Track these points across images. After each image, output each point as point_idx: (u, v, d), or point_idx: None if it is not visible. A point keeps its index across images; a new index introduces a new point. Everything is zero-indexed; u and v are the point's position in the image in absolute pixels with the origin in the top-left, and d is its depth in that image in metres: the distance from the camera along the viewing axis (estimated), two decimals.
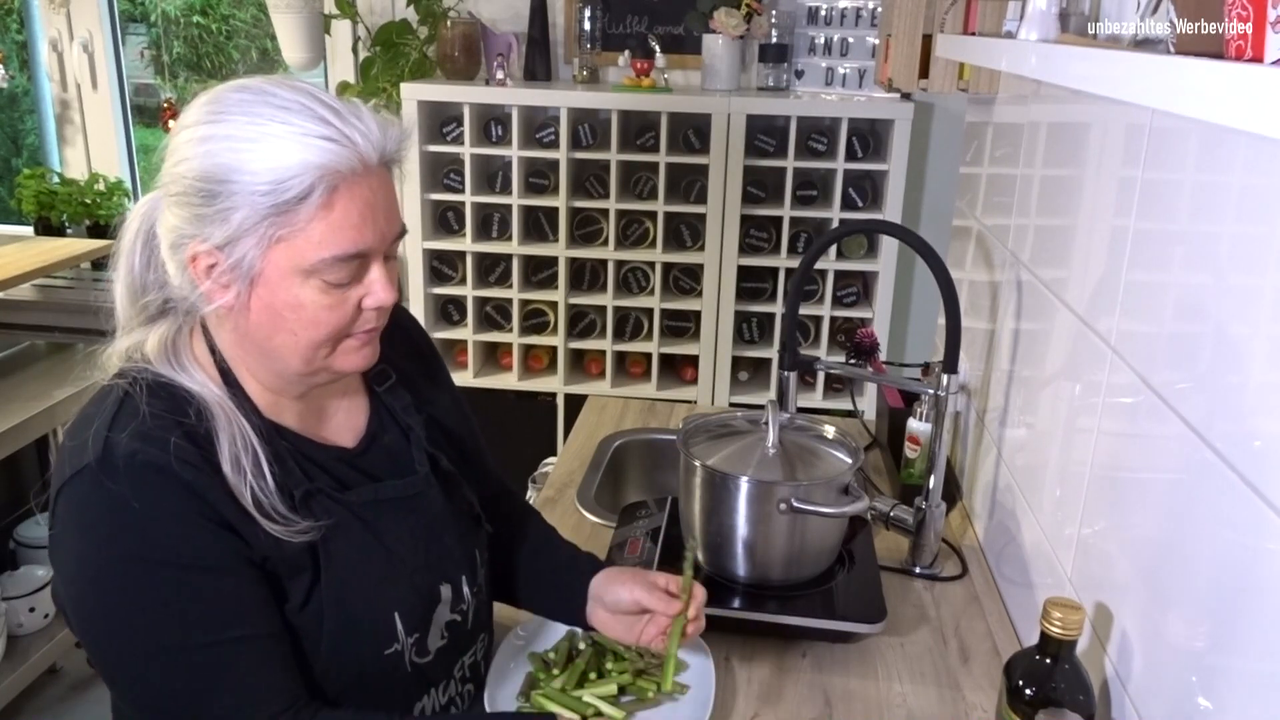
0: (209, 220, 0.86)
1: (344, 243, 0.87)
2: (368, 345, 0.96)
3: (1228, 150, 0.83)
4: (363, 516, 0.99)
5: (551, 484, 1.73)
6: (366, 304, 0.92)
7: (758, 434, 1.35)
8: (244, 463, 0.90)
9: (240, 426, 0.92)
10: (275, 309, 0.90)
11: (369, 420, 1.06)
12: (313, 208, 0.85)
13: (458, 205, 2.59)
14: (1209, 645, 0.82)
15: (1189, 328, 0.88)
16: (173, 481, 0.86)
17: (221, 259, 0.87)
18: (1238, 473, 0.77)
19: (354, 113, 0.88)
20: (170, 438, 0.88)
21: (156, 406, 0.90)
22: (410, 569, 1.01)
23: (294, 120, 0.85)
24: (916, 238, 1.37)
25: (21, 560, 2.43)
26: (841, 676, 1.23)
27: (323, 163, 0.84)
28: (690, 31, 2.62)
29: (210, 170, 0.85)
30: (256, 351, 0.94)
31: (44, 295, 2.95)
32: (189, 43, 3.11)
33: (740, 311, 2.56)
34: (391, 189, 0.93)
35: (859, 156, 2.42)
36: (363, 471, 1.02)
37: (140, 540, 0.86)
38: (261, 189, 0.84)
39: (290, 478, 0.94)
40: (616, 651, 1.18)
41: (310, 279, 0.88)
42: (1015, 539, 1.38)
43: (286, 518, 0.91)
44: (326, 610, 0.94)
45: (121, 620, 0.87)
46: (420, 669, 1.02)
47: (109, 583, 0.87)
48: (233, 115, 0.86)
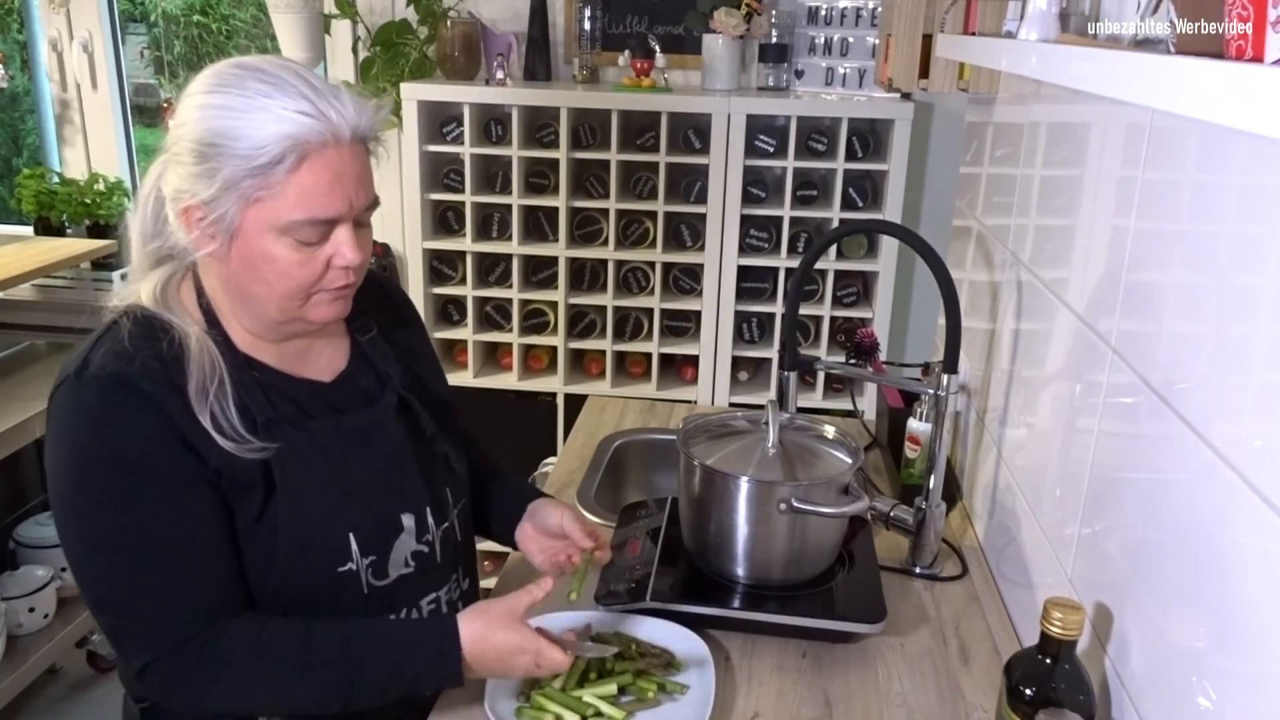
0: (199, 178, 0.98)
1: (314, 207, 0.99)
2: (339, 300, 1.07)
3: (1228, 150, 0.83)
4: (322, 444, 1.09)
5: (551, 484, 1.73)
6: (335, 263, 1.03)
7: (758, 434, 1.35)
8: (208, 386, 1.02)
9: (211, 354, 1.04)
10: (252, 261, 1.01)
11: (349, 362, 1.18)
12: (284, 173, 0.97)
13: (458, 205, 2.59)
14: (1209, 645, 0.82)
15: (1189, 328, 0.88)
16: (135, 393, 0.99)
17: (208, 212, 0.99)
18: (1238, 473, 0.77)
19: (333, 93, 0.99)
20: (139, 357, 1.00)
21: (135, 333, 1.03)
22: (368, 496, 1.12)
23: (276, 95, 0.97)
24: (916, 238, 1.37)
25: (21, 560, 2.43)
26: (841, 676, 1.23)
27: (295, 134, 0.96)
28: (690, 31, 2.62)
29: (202, 134, 0.97)
30: (238, 297, 1.06)
31: (44, 295, 2.95)
32: (189, 42, 3.11)
33: (740, 311, 2.56)
34: (364, 163, 1.04)
35: (859, 156, 2.42)
36: (331, 405, 1.13)
37: (99, 442, 0.99)
38: (241, 153, 0.96)
39: (255, 404, 1.05)
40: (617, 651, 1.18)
41: (283, 237, 1.00)
42: (1015, 539, 1.38)
43: (242, 437, 1.02)
44: (281, 523, 1.04)
45: (77, 511, 1.00)
46: (380, 591, 1.12)
47: (70, 477, 1.00)
48: (227, 88, 0.98)
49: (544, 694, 1.11)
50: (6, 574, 2.36)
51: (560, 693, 1.11)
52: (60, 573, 2.39)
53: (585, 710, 1.09)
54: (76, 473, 1.00)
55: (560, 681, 1.13)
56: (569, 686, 1.12)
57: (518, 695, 1.13)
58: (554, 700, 1.10)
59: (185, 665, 1.01)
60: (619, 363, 2.67)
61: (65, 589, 2.40)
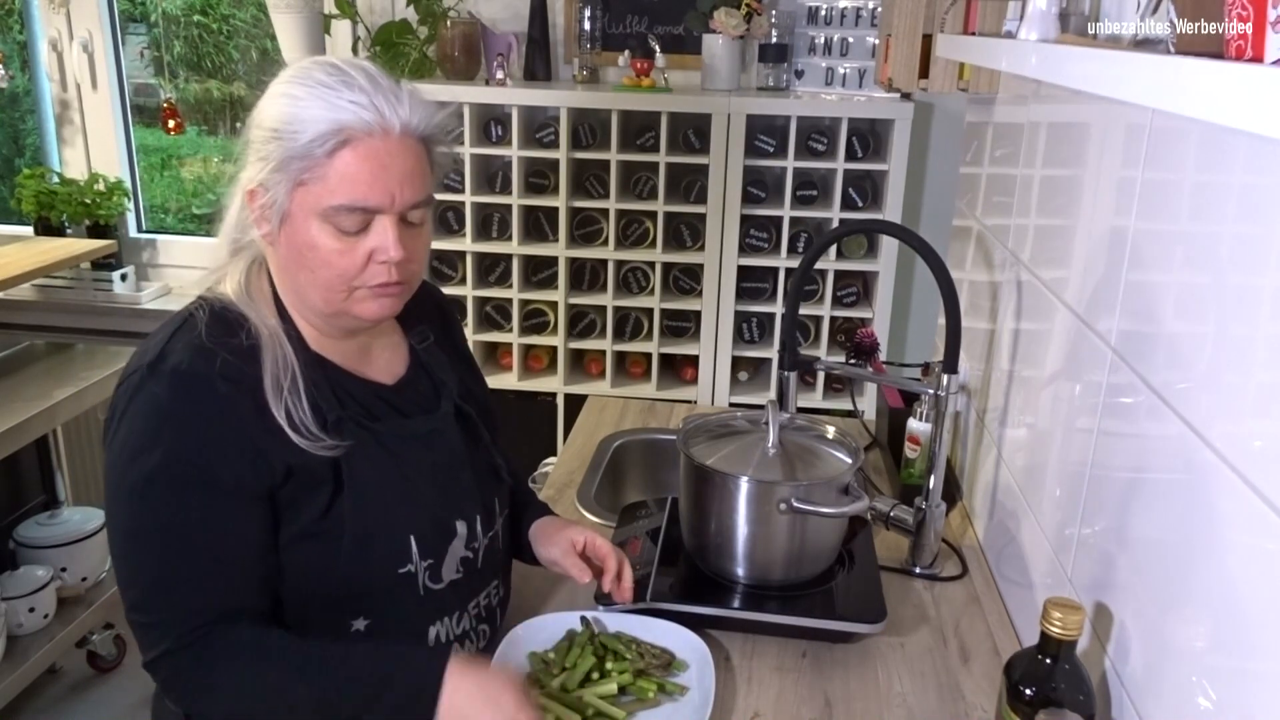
0: (259, 161, 1.02)
1: (353, 193, 1.00)
2: (384, 297, 1.07)
3: (1228, 150, 0.83)
4: (387, 445, 1.11)
5: (551, 484, 1.73)
6: (377, 257, 1.04)
7: (758, 434, 1.35)
8: (283, 382, 1.04)
9: (285, 351, 1.06)
10: (297, 246, 1.03)
11: (408, 368, 1.19)
12: (325, 155, 0.99)
13: (458, 205, 2.59)
14: (1209, 645, 0.82)
15: (1189, 328, 0.88)
16: (209, 393, 1.01)
17: (263, 195, 1.03)
18: (1238, 473, 0.77)
19: (393, 88, 1.02)
20: (219, 354, 1.02)
21: (213, 326, 1.05)
22: (428, 500, 1.13)
23: (334, 84, 1.00)
24: (916, 238, 1.37)
25: (21, 560, 2.43)
26: (841, 676, 1.23)
27: (341, 119, 0.99)
28: (690, 31, 2.62)
29: (265, 119, 1.02)
30: (290, 285, 1.09)
31: (44, 295, 2.95)
32: (189, 42, 3.11)
33: (740, 311, 2.56)
34: (415, 160, 1.04)
35: (859, 156, 2.42)
36: (394, 407, 1.15)
37: (164, 439, 1.00)
38: (290, 135, 0.99)
39: (325, 402, 1.07)
40: (617, 651, 1.18)
41: (325, 223, 1.01)
42: (1015, 539, 1.38)
43: (315, 435, 1.04)
44: (347, 520, 1.06)
45: (128, 501, 1.01)
46: (434, 595, 1.13)
47: (128, 468, 1.01)
48: (297, 78, 1.02)
49: (544, 694, 1.11)
50: (6, 574, 2.35)
51: (560, 692, 1.11)
52: (60, 573, 2.39)
53: (585, 710, 1.10)
54: (136, 464, 1.00)
55: (560, 681, 1.13)
56: (569, 686, 1.12)
57: None
58: (554, 700, 1.10)
59: (185, 664, 1.02)
60: (619, 363, 2.67)
61: (65, 589, 2.40)
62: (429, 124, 1.05)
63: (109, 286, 2.90)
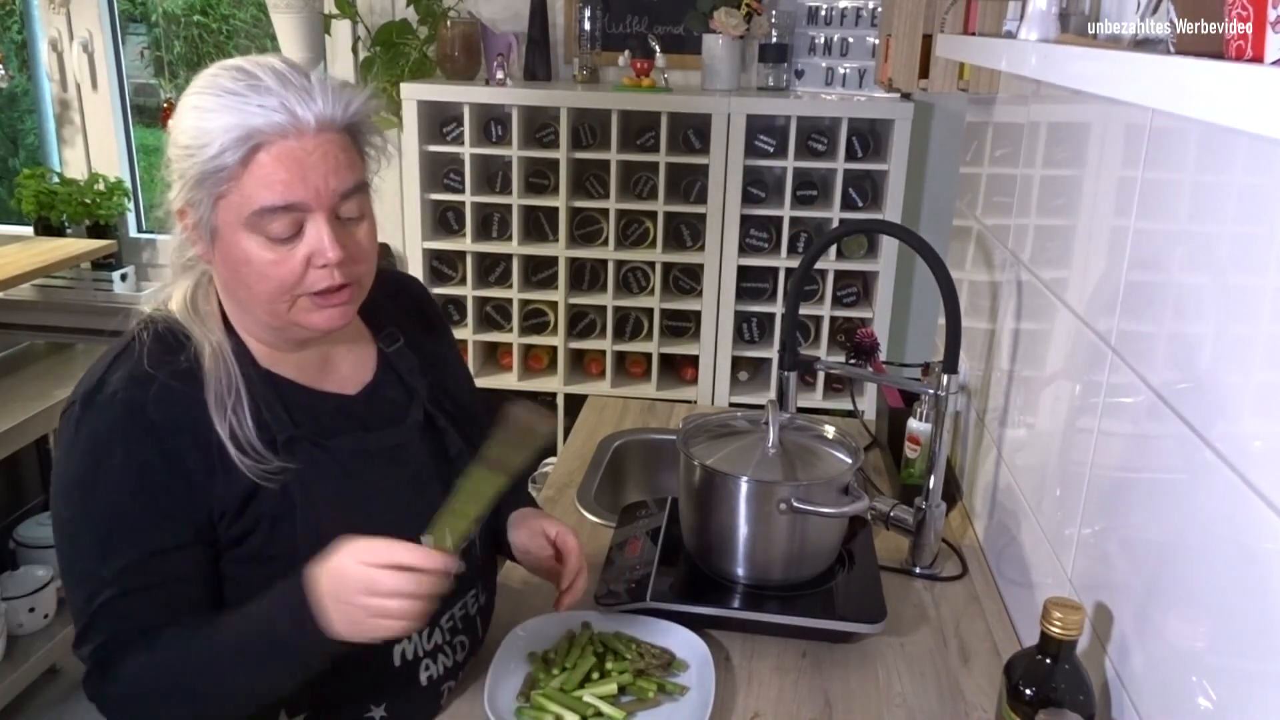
0: (179, 179, 0.98)
1: (271, 195, 0.96)
2: (330, 307, 1.02)
3: (1228, 150, 0.83)
4: (344, 464, 1.06)
5: (551, 484, 1.73)
6: (315, 262, 0.99)
7: (758, 434, 1.35)
8: (226, 400, 1.00)
9: (230, 369, 1.02)
10: (232, 262, 1.00)
11: (374, 374, 1.14)
12: (235, 164, 0.95)
13: (458, 205, 2.59)
14: (1209, 645, 0.82)
15: (1189, 328, 0.88)
16: (142, 425, 0.97)
17: (190, 213, 0.99)
18: (1238, 473, 0.77)
19: (303, 85, 0.97)
20: (158, 378, 0.99)
21: (154, 350, 1.01)
22: (390, 517, 1.05)
23: (240, 91, 0.95)
24: (916, 238, 1.37)
25: (21, 560, 2.43)
26: (841, 676, 1.23)
27: (246, 124, 0.94)
28: (690, 31, 2.62)
29: (178, 135, 0.98)
30: (233, 302, 1.05)
31: (44, 295, 2.95)
32: (189, 42, 3.11)
33: (740, 311, 2.56)
34: (340, 152, 0.99)
35: (859, 156, 2.42)
36: (357, 420, 1.10)
37: (96, 474, 0.98)
38: (202, 150, 0.95)
39: (276, 421, 1.02)
40: (617, 651, 1.18)
41: (253, 233, 0.97)
42: (1015, 539, 1.38)
43: (260, 455, 1.00)
44: (300, 543, 1.00)
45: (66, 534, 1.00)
46: None
47: (66, 500, 1.00)
48: (204, 89, 0.98)
49: (544, 694, 1.11)
50: (6, 574, 2.36)
51: (560, 693, 1.11)
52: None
53: (585, 710, 1.09)
54: (73, 493, 0.99)
55: (560, 681, 1.13)
56: (569, 687, 1.12)
57: (518, 695, 1.13)
58: (554, 700, 1.10)
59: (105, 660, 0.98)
60: (619, 363, 2.67)
61: None
62: (348, 113, 1.00)
63: (109, 286, 2.90)
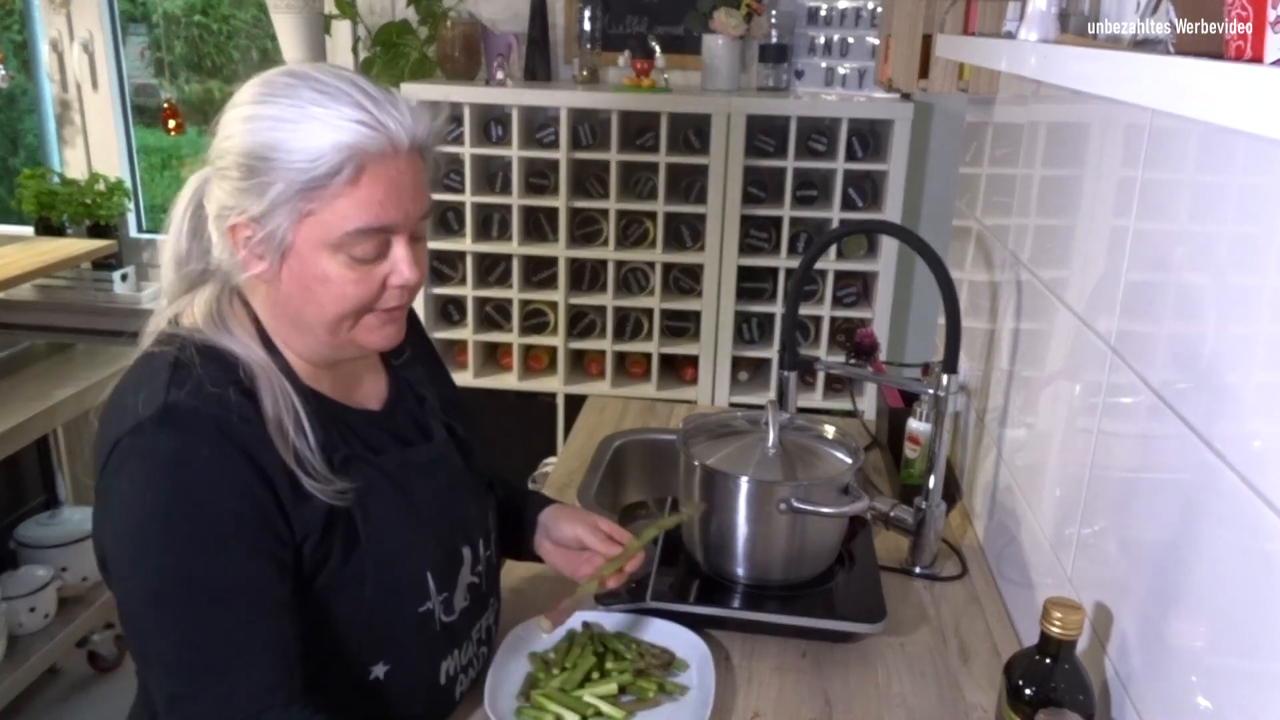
0: (248, 193, 0.91)
1: (367, 216, 0.92)
2: (391, 324, 1.01)
3: (1228, 150, 0.83)
4: (394, 478, 1.03)
5: (551, 484, 1.73)
6: (392, 281, 0.97)
7: (758, 434, 1.35)
8: (286, 423, 0.94)
9: (283, 388, 0.96)
10: (304, 281, 0.95)
11: (389, 390, 1.12)
12: (341, 184, 0.90)
13: (458, 205, 2.59)
14: (1209, 645, 0.82)
15: (1189, 328, 0.88)
16: (232, 439, 0.90)
17: (257, 230, 0.93)
18: (1238, 473, 0.77)
19: (389, 100, 0.94)
20: (230, 394, 0.92)
21: (210, 368, 0.94)
22: (437, 530, 1.07)
23: (331, 104, 0.91)
24: (916, 238, 1.37)
25: (21, 560, 2.43)
26: (841, 676, 1.23)
27: (353, 143, 0.90)
28: (690, 31, 2.62)
29: (252, 147, 0.91)
30: (288, 321, 0.99)
31: (44, 295, 2.95)
32: (189, 43, 3.11)
33: (740, 311, 2.56)
34: (420, 172, 0.97)
35: (859, 156, 2.42)
36: (391, 434, 1.07)
37: (194, 491, 0.89)
38: (296, 165, 0.90)
39: (330, 440, 0.98)
40: (617, 651, 1.18)
41: (337, 253, 0.93)
42: (1015, 539, 1.38)
43: (327, 477, 0.95)
44: (369, 569, 0.98)
45: (155, 561, 0.89)
46: (448, 628, 1.08)
47: (157, 525, 0.89)
48: (278, 97, 0.92)
49: (544, 694, 1.11)
50: (7, 574, 2.35)
51: (560, 692, 1.11)
52: (61, 572, 2.39)
53: (585, 710, 1.09)
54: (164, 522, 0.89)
55: (560, 681, 1.13)
56: (569, 687, 1.12)
57: (518, 695, 1.13)
58: (554, 700, 1.10)
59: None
60: (619, 363, 2.67)
61: (66, 589, 2.40)
62: (429, 132, 0.97)
63: (109, 286, 2.90)
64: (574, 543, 1.21)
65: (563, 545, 1.23)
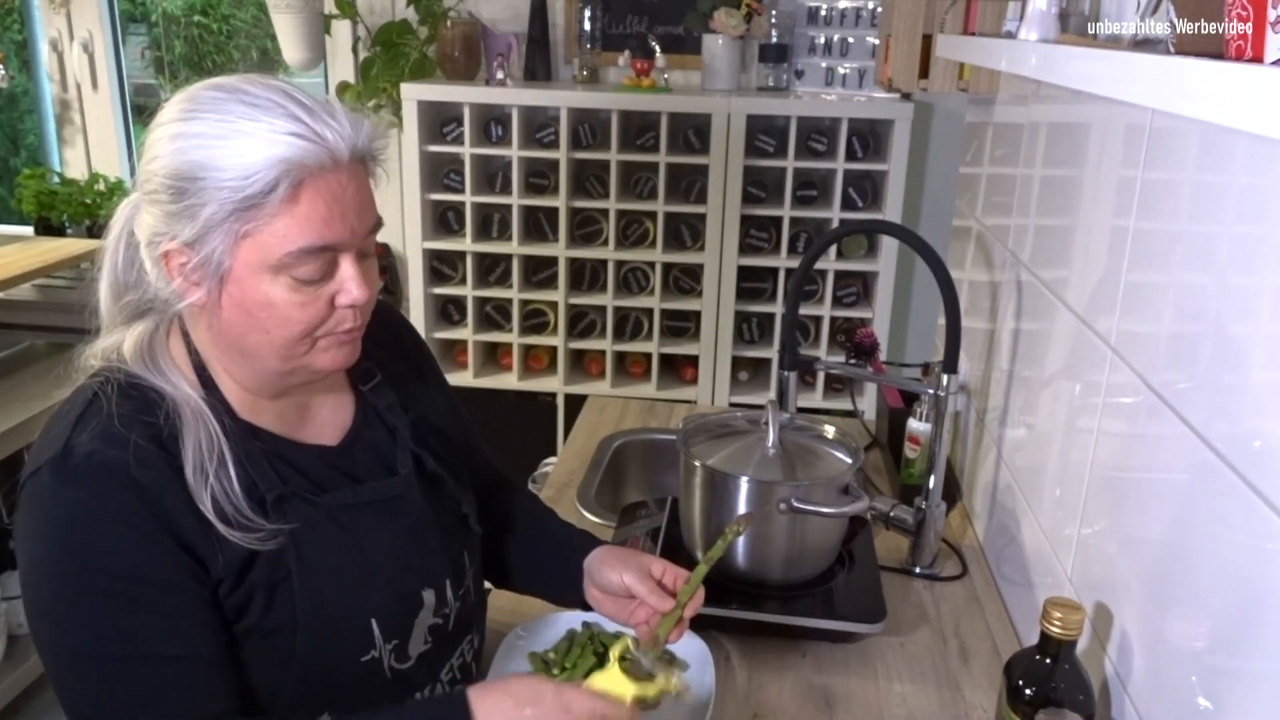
0: (178, 217, 0.86)
1: (309, 235, 0.87)
2: (347, 344, 0.95)
3: (1228, 150, 0.83)
4: (338, 520, 0.97)
5: (551, 484, 1.73)
6: (340, 301, 0.91)
7: (758, 434, 1.35)
8: (208, 466, 0.89)
9: (210, 428, 0.91)
10: (246, 307, 0.89)
11: (354, 418, 1.05)
12: (278, 202, 0.85)
13: (458, 205, 2.59)
14: (1209, 645, 0.82)
15: (1189, 328, 0.88)
16: (128, 485, 0.86)
17: (192, 255, 0.87)
18: (1238, 473, 0.77)
19: (326, 110, 0.88)
20: (132, 437, 0.87)
21: (125, 407, 0.89)
22: (389, 574, 1.00)
23: (263, 117, 0.85)
24: (916, 238, 1.37)
25: None
26: (841, 676, 1.23)
27: (289, 157, 0.84)
28: (690, 31, 2.62)
29: (179, 167, 0.85)
30: (232, 350, 0.94)
31: (44, 295, 2.95)
32: (189, 42, 3.11)
33: (740, 311, 2.56)
34: (364, 184, 0.92)
35: (859, 156, 2.42)
36: (344, 471, 1.01)
37: (87, 546, 0.86)
38: (228, 185, 0.84)
39: (263, 480, 0.93)
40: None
41: (279, 275, 0.88)
42: (1015, 539, 1.38)
43: (249, 523, 0.90)
44: (300, 614, 0.93)
45: (60, 621, 0.88)
46: (401, 674, 1.01)
47: (53, 584, 0.87)
48: (204, 113, 0.86)
49: None
50: (7, 574, 2.35)
51: None
52: None
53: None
54: (59, 579, 0.87)
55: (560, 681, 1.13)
56: None
57: None
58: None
59: None
60: (619, 363, 2.67)
61: None
62: (372, 140, 0.91)
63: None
64: (622, 590, 1.10)
65: (611, 593, 1.12)
